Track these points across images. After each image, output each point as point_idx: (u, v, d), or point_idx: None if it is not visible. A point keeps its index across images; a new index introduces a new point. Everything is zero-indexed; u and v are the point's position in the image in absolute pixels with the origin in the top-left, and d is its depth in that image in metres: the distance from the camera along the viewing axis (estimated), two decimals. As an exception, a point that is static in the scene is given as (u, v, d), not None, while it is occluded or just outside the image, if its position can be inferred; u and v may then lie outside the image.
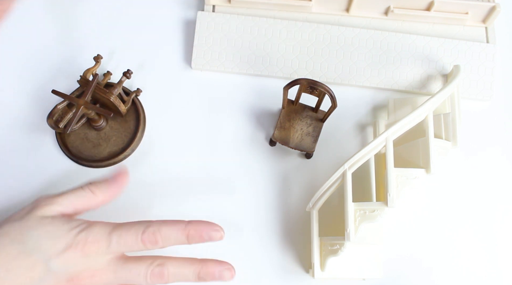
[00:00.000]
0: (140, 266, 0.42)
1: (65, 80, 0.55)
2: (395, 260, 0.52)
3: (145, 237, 0.41)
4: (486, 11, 0.56)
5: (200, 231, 0.43)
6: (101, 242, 0.40)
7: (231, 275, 0.43)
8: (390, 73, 0.56)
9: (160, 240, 0.42)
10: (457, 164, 0.55)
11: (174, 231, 0.43)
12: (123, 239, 0.41)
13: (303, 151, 0.52)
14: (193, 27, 0.57)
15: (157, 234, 0.42)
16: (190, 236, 0.43)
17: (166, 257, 0.44)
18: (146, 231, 0.42)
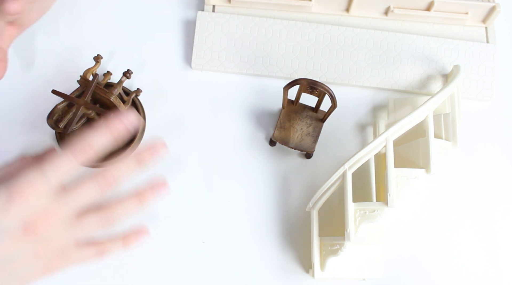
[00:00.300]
0: (86, 184, 0.40)
1: (65, 80, 0.55)
2: (395, 260, 0.52)
3: (74, 150, 0.39)
4: (486, 11, 0.56)
5: (119, 118, 0.41)
6: (36, 180, 0.38)
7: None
8: (390, 73, 0.56)
9: (89, 146, 0.39)
10: (457, 164, 0.55)
11: (98, 135, 0.40)
12: (56, 165, 0.38)
13: (303, 151, 0.52)
14: (193, 27, 0.57)
15: (84, 143, 0.39)
16: (113, 129, 0.41)
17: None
18: (72, 146, 0.39)
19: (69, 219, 0.40)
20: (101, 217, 0.41)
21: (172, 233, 0.52)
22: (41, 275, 0.41)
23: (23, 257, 0.38)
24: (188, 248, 0.51)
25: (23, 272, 0.39)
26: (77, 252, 0.42)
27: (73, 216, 0.40)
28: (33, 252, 0.39)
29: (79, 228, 0.40)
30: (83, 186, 0.40)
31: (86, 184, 0.40)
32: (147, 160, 0.43)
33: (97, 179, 0.40)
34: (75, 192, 0.39)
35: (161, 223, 0.52)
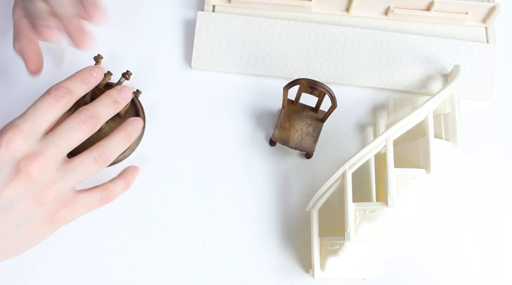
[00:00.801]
0: (67, 120, 0.42)
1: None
2: (395, 260, 0.52)
3: (54, 94, 0.41)
4: (486, 11, 0.56)
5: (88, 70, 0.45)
6: (22, 125, 0.40)
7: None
8: (390, 73, 0.56)
9: (68, 91, 0.42)
10: (457, 164, 0.55)
11: (72, 80, 0.43)
12: (39, 111, 0.41)
13: (303, 151, 0.52)
14: (193, 27, 0.57)
15: (62, 88, 0.42)
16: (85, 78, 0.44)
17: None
18: (51, 91, 0.41)
19: (60, 160, 0.41)
20: (93, 154, 0.42)
21: (172, 233, 0.52)
22: (49, 225, 0.42)
23: (24, 202, 0.39)
24: (188, 248, 0.51)
25: (29, 220, 0.40)
26: (80, 199, 0.43)
27: (64, 158, 0.41)
28: (33, 197, 0.39)
29: (73, 169, 0.41)
30: (66, 122, 0.41)
31: (68, 120, 0.41)
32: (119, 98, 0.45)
33: (80, 116, 0.41)
34: (61, 133, 0.41)
35: (161, 223, 0.52)
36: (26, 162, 0.39)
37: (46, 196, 0.40)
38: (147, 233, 0.51)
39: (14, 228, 0.40)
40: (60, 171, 0.41)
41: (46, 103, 0.41)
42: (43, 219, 0.41)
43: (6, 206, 0.39)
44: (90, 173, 0.43)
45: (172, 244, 0.51)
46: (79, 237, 0.51)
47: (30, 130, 0.40)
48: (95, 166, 0.42)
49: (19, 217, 0.40)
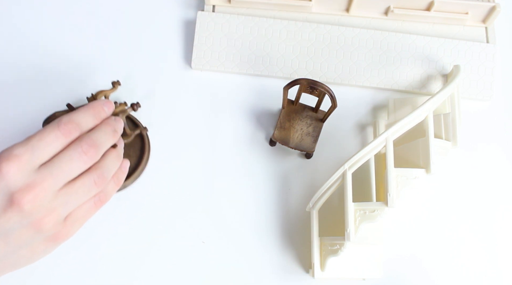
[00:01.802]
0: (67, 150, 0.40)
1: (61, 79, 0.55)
2: (395, 260, 0.52)
3: (63, 128, 0.40)
4: (486, 11, 0.56)
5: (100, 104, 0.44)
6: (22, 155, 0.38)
7: None
8: (390, 73, 0.56)
9: (77, 126, 0.41)
10: (457, 164, 0.55)
11: (83, 114, 0.42)
12: (43, 142, 0.39)
13: (303, 151, 0.52)
14: (193, 27, 0.57)
15: (72, 122, 0.40)
16: (96, 113, 0.43)
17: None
18: (60, 123, 0.40)
19: (58, 189, 0.39)
20: (92, 176, 0.41)
21: (172, 233, 0.52)
22: (51, 243, 0.41)
23: (22, 229, 0.38)
24: (188, 248, 0.51)
25: (29, 243, 0.39)
26: (76, 212, 0.42)
27: (62, 186, 0.40)
28: (31, 225, 0.38)
29: (74, 193, 0.40)
30: (65, 152, 0.40)
31: (68, 150, 0.40)
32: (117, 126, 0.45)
33: (82, 146, 0.40)
34: (60, 164, 0.39)
35: (161, 223, 0.52)
36: (21, 194, 0.37)
37: (45, 224, 0.39)
38: (147, 233, 0.51)
39: (15, 250, 0.39)
40: (59, 198, 0.39)
41: (52, 136, 0.39)
42: (44, 240, 0.40)
43: (3, 233, 0.38)
44: (90, 196, 0.42)
45: (172, 244, 0.51)
46: (78, 237, 0.51)
47: (29, 161, 0.38)
48: (95, 189, 0.42)
49: (19, 242, 0.39)
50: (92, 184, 0.41)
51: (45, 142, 0.39)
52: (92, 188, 0.41)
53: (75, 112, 0.42)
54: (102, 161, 0.42)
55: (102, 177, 0.42)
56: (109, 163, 0.43)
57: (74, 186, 0.40)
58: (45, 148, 0.39)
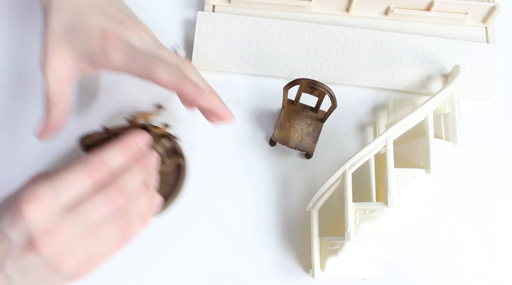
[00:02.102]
0: (94, 198, 0.38)
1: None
2: (395, 260, 0.52)
3: (90, 169, 0.38)
4: (486, 11, 0.56)
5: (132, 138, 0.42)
6: (46, 197, 0.36)
7: None
8: (390, 73, 0.56)
9: (105, 166, 0.39)
10: (457, 164, 0.55)
11: (113, 151, 0.40)
12: (68, 183, 0.37)
13: (303, 151, 0.52)
14: (193, 27, 0.57)
15: (100, 161, 0.39)
16: (127, 148, 0.42)
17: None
18: (88, 163, 0.38)
19: (80, 233, 0.38)
20: (118, 223, 0.39)
21: (172, 233, 0.51)
22: (72, 281, 0.39)
23: (42, 268, 0.37)
24: (188, 248, 0.51)
25: (49, 279, 0.38)
26: (101, 253, 0.40)
27: (85, 230, 0.38)
28: (51, 266, 0.37)
29: (96, 241, 0.38)
30: (91, 201, 0.38)
31: (94, 198, 0.38)
32: (149, 164, 0.43)
33: (110, 195, 0.38)
34: (84, 212, 0.38)
35: (161, 223, 0.52)
36: (41, 239, 0.36)
37: (64, 266, 0.37)
38: (147, 233, 0.51)
39: (36, 283, 0.38)
40: (80, 244, 0.37)
41: (78, 177, 0.38)
42: (65, 278, 0.39)
43: (23, 269, 0.37)
44: (114, 240, 0.40)
45: (172, 244, 0.51)
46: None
47: (52, 204, 0.37)
48: (120, 233, 0.39)
49: (38, 277, 0.38)
50: (117, 229, 0.39)
51: (70, 184, 0.37)
52: (117, 233, 0.39)
53: (105, 150, 0.40)
54: (131, 203, 0.40)
55: (129, 222, 0.40)
56: (138, 206, 0.41)
57: (97, 231, 0.38)
58: (69, 190, 0.37)
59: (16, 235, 0.36)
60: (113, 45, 0.43)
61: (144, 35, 0.46)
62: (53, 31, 0.44)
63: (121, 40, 0.43)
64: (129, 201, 0.40)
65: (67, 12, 0.45)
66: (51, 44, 0.44)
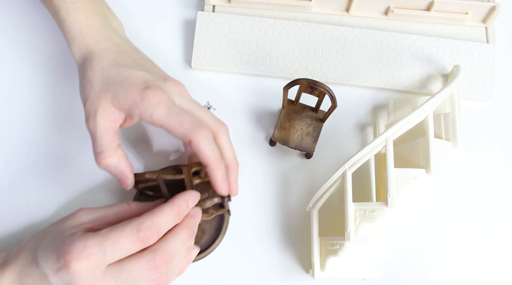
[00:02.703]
0: (139, 262, 0.39)
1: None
2: (395, 260, 0.52)
3: (142, 235, 0.39)
4: (486, 11, 0.56)
5: (185, 202, 0.42)
6: (94, 255, 0.38)
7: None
8: (390, 73, 0.56)
9: (157, 232, 0.39)
10: (457, 164, 0.55)
11: (166, 216, 0.40)
12: (118, 246, 0.38)
13: (303, 151, 0.52)
14: (193, 27, 0.57)
15: (152, 228, 0.39)
16: (180, 212, 0.42)
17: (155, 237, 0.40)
18: (140, 229, 0.39)
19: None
20: (157, 281, 0.40)
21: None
22: None
23: None
24: (188, 248, 0.51)
25: None
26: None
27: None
28: None
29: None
30: (136, 264, 0.39)
31: (140, 261, 0.39)
32: (196, 225, 0.43)
33: (155, 260, 0.39)
34: (127, 274, 0.39)
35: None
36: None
37: None
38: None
39: None
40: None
41: (129, 241, 0.38)
42: None
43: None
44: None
45: (172, 244, 0.51)
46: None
47: (99, 262, 0.38)
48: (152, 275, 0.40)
49: None
50: (155, 284, 0.41)
51: (119, 246, 0.38)
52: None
53: (158, 214, 0.40)
54: (172, 260, 0.41)
55: (167, 277, 0.41)
56: (178, 262, 0.42)
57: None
58: (118, 252, 0.38)
59: (59, 282, 0.38)
60: (156, 99, 0.43)
61: (182, 90, 0.46)
62: (94, 86, 0.44)
63: (164, 94, 0.43)
64: (171, 263, 0.41)
65: (105, 66, 0.45)
66: (94, 100, 0.44)
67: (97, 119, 0.43)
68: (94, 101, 0.44)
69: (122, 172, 0.45)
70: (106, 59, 0.45)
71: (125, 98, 0.43)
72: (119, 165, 0.44)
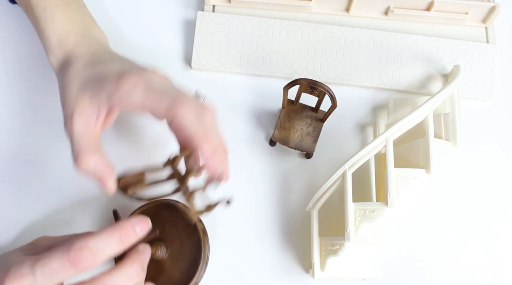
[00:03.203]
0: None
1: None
2: (395, 260, 0.52)
3: (73, 256, 0.35)
4: (486, 11, 0.56)
5: (132, 226, 0.38)
6: (25, 277, 0.35)
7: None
8: (390, 73, 0.56)
9: (91, 255, 0.36)
10: (457, 164, 0.55)
11: (105, 239, 0.37)
12: (47, 267, 0.35)
13: (303, 151, 0.52)
14: (193, 27, 0.57)
15: (85, 249, 0.35)
16: (124, 238, 0.38)
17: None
18: (71, 248, 0.35)
19: None
20: None
21: (172, 233, 0.52)
22: None
23: None
24: (188, 248, 0.51)
25: None
26: None
27: None
28: None
29: None
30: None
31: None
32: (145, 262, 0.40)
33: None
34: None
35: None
36: None
37: None
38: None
39: None
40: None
41: (58, 263, 0.35)
42: None
43: None
44: None
45: (172, 244, 0.51)
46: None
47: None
48: None
49: None
50: None
51: (50, 268, 0.35)
52: None
53: (95, 235, 0.36)
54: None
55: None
56: None
57: None
58: (48, 275, 0.35)
59: None
60: (132, 84, 0.40)
61: (162, 77, 0.43)
62: (70, 90, 0.43)
63: (141, 79, 0.41)
64: None
65: (81, 68, 0.43)
66: (71, 102, 0.42)
67: (74, 121, 0.41)
68: (70, 104, 0.42)
69: (102, 174, 0.41)
70: (81, 62, 0.44)
71: (101, 90, 0.41)
72: (98, 167, 0.41)
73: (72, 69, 0.44)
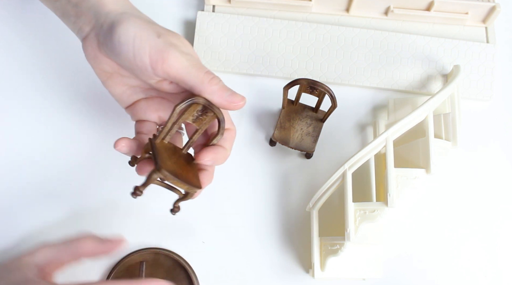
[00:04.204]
0: None
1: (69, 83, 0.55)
2: (395, 260, 0.52)
3: None
4: (486, 11, 0.56)
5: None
6: None
7: None
8: (390, 73, 0.56)
9: None
10: (457, 164, 0.55)
11: None
12: None
13: (303, 151, 0.52)
14: (193, 27, 0.57)
15: None
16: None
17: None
18: None
19: None
20: None
21: (172, 233, 0.51)
22: None
23: None
24: (188, 248, 0.51)
25: None
26: None
27: None
28: None
29: None
30: None
31: None
32: None
33: None
34: None
35: (161, 223, 0.52)
36: None
37: None
38: (148, 232, 0.51)
39: None
40: None
41: None
42: None
43: None
44: None
45: (172, 244, 0.51)
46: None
47: None
48: None
49: None
50: None
51: None
52: None
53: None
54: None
55: None
56: None
57: None
58: None
59: None
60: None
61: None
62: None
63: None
64: None
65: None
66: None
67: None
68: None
69: None
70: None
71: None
72: None
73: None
